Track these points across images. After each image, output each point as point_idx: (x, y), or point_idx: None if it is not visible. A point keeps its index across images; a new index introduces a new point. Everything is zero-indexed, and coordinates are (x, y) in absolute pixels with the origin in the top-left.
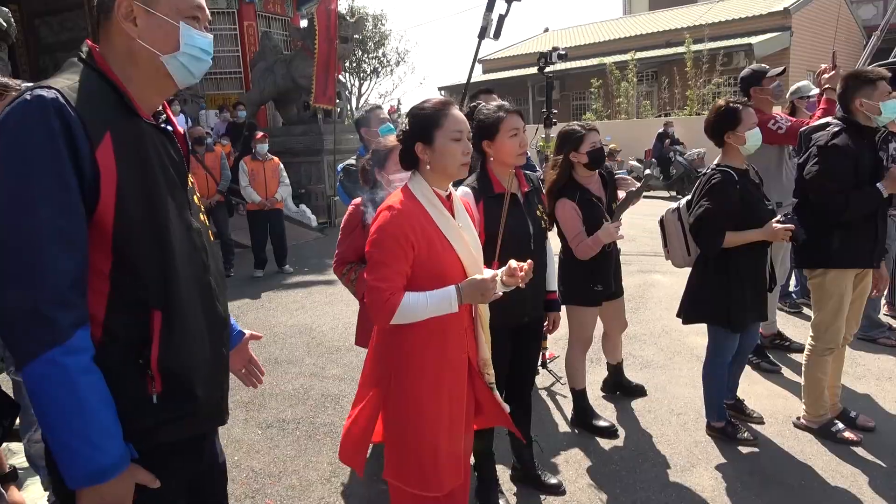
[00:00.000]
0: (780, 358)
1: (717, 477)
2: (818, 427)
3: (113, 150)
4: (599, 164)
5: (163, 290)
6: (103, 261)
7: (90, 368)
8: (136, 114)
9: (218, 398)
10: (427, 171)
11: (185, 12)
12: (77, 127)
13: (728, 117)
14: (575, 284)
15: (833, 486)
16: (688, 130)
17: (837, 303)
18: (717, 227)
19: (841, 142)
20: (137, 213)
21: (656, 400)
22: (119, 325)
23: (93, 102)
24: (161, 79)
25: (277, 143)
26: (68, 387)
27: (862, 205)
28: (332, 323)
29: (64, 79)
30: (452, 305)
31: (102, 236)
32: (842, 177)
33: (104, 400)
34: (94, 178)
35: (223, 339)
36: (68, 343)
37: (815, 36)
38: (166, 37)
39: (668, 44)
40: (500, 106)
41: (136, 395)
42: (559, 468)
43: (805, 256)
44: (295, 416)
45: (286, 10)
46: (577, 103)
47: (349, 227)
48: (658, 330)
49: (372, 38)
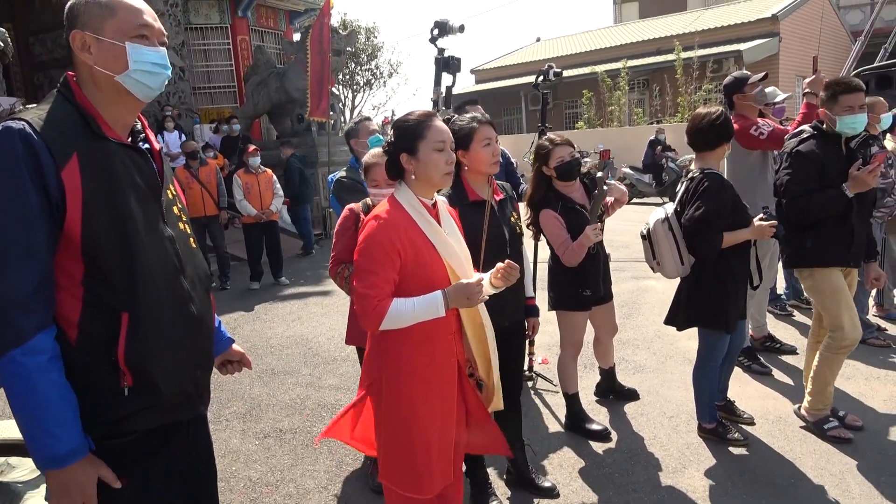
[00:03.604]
0: (770, 360)
1: (708, 478)
2: (814, 421)
3: (79, 170)
4: (569, 177)
5: (129, 293)
6: (76, 268)
7: (48, 368)
8: (103, 136)
9: (189, 390)
10: (412, 180)
11: (130, 32)
12: (42, 151)
13: (726, 128)
14: (564, 290)
15: (822, 485)
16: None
17: (835, 295)
18: (716, 228)
19: (805, 148)
20: (103, 225)
21: (649, 403)
22: (92, 326)
23: (60, 129)
24: (122, 97)
25: (273, 155)
26: (27, 383)
27: (824, 206)
28: (329, 334)
29: (38, 109)
30: (439, 310)
31: (73, 246)
32: (804, 181)
33: (62, 396)
34: (61, 196)
35: (197, 336)
36: (28, 345)
37: (803, 42)
38: (116, 59)
39: (659, 51)
40: (473, 117)
41: (109, 388)
42: (552, 471)
43: (787, 258)
44: (292, 426)
45: (279, 24)
46: (569, 112)
47: (343, 230)
48: (651, 335)
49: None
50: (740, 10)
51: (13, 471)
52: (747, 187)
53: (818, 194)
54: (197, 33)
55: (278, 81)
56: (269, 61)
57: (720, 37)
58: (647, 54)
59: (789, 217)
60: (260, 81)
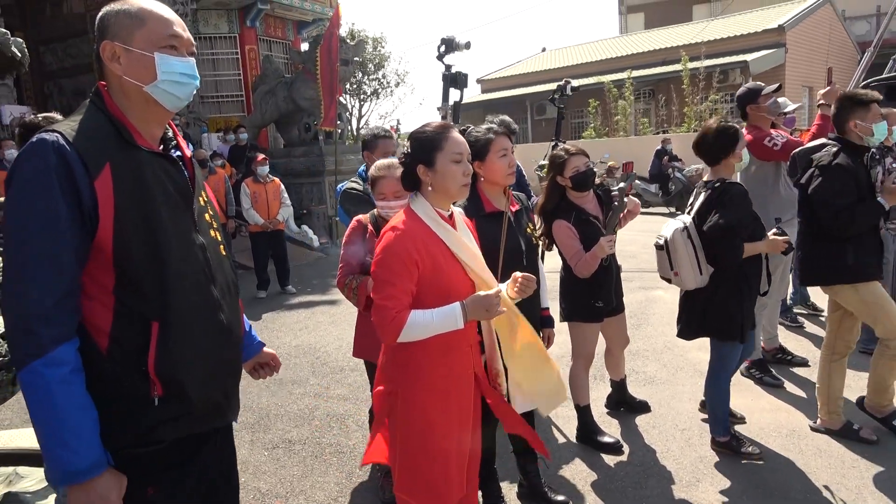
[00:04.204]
0: (782, 372)
1: (722, 492)
2: (882, 417)
3: (112, 180)
4: (584, 187)
5: (160, 302)
6: (107, 277)
7: (68, 380)
8: (135, 145)
9: (218, 399)
10: (429, 192)
11: (159, 43)
12: (75, 162)
13: (730, 138)
14: (576, 301)
15: (839, 500)
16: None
17: (882, 304)
18: (739, 237)
19: (843, 161)
20: (135, 235)
21: (660, 416)
22: (123, 335)
23: (92, 139)
24: (151, 107)
25: (280, 164)
26: (46, 395)
27: (867, 218)
28: (337, 343)
29: (70, 120)
30: (458, 322)
31: (104, 256)
32: (848, 194)
33: (82, 409)
34: (94, 206)
35: (227, 345)
36: (48, 356)
37: (809, 52)
38: (145, 69)
39: (665, 62)
40: (490, 128)
41: (139, 398)
42: (564, 484)
43: (817, 274)
44: (301, 437)
45: (287, 33)
46: (575, 121)
47: (351, 241)
48: (660, 346)
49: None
50: (746, 21)
51: (21, 481)
52: (760, 199)
53: (861, 206)
54: (206, 43)
55: (286, 91)
56: (278, 70)
57: (726, 47)
58: (653, 64)
59: (832, 230)
60: (268, 91)
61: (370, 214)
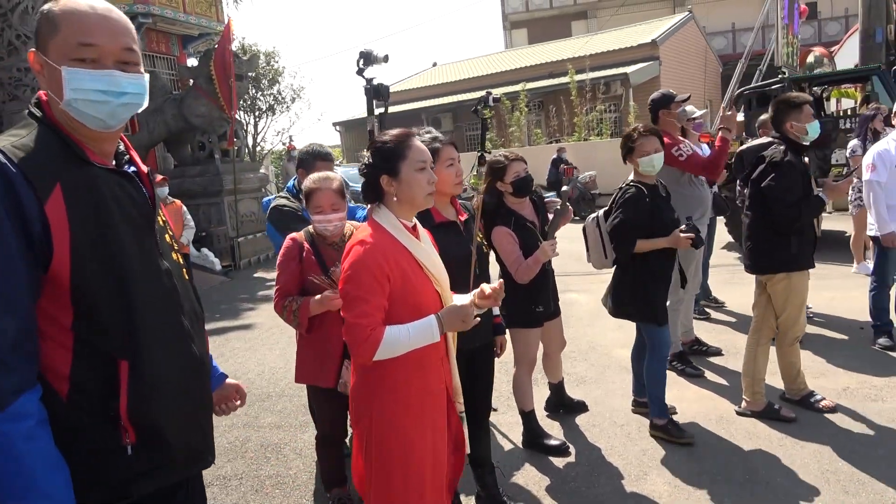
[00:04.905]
0: (699, 363)
1: (669, 481)
2: (799, 399)
3: (64, 202)
4: (525, 193)
5: (128, 339)
6: (64, 314)
7: (34, 435)
8: (87, 161)
9: (198, 440)
10: (394, 202)
11: (69, 54)
12: (20, 184)
13: (626, 147)
14: (517, 307)
15: (774, 477)
16: (579, 155)
17: (802, 298)
18: (630, 235)
19: (792, 158)
20: (95, 263)
21: (598, 414)
22: (86, 378)
23: (39, 156)
24: (79, 125)
25: (173, 185)
26: (9, 455)
27: (811, 212)
28: (258, 369)
29: (9, 136)
30: (434, 335)
31: (60, 290)
32: (797, 190)
33: (52, 468)
34: (45, 233)
35: (200, 380)
36: (8, 410)
37: (680, 64)
38: (56, 84)
39: (552, 74)
40: (435, 137)
41: (109, 447)
42: (518, 491)
43: (766, 264)
44: (236, 471)
45: (171, 48)
46: (470, 133)
47: (287, 261)
48: (585, 346)
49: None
50: (623, 36)
51: None
52: (677, 197)
53: (806, 200)
54: None
55: (175, 108)
56: (164, 87)
57: (607, 60)
58: (540, 77)
59: (782, 224)
60: (155, 108)
61: (304, 232)
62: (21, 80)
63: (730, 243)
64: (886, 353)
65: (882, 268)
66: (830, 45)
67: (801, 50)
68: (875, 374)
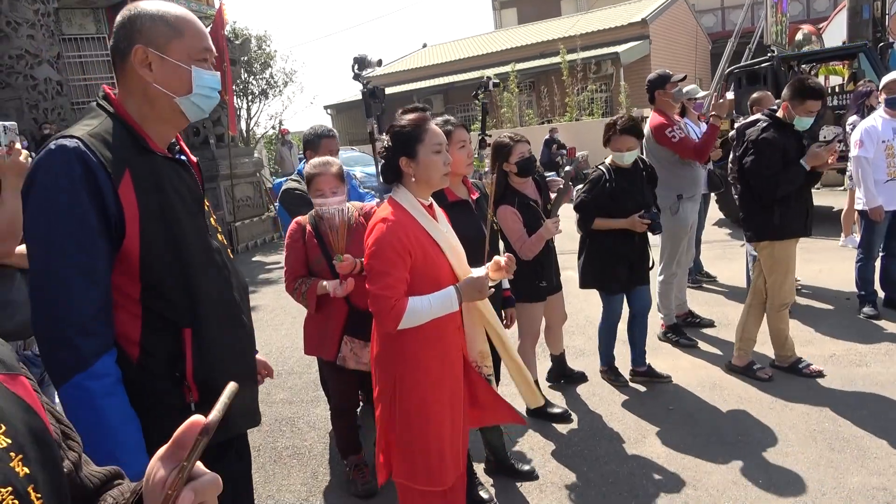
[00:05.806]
0: (693, 333)
1: (666, 443)
2: (788, 365)
3: (133, 186)
4: (529, 173)
5: (190, 309)
6: (133, 287)
7: (113, 391)
8: (150, 150)
9: (249, 402)
10: (412, 183)
11: (195, 56)
12: (98, 169)
13: (606, 132)
14: (522, 283)
15: (764, 437)
16: (571, 135)
17: (786, 265)
18: (588, 213)
19: (769, 135)
20: (160, 240)
21: (598, 384)
22: (154, 344)
23: (111, 145)
24: (176, 117)
25: None
26: (92, 409)
27: (789, 182)
28: (266, 349)
29: (83, 125)
30: (454, 305)
31: (130, 265)
32: (771, 163)
33: (127, 419)
34: (119, 214)
35: (250, 346)
36: (91, 369)
37: (670, 43)
38: (180, 80)
39: (543, 55)
40: (447, 120)
41: (175, 405)
42: (527, 455)
43: (753, 232)
44: (254, 444)
45: None
46: (461, 115)
47: (292, 243)
48: (582, 321)
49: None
50: (614, 15)
51: None
52: (671, 176)
53: (783, 173)
54: (72, 44)
55: None
56: None
57: (598, 40)
58: (531, 58)
59: (762, 195)
60: None
61: (309, 216)
62: (13, 68)
63: (721, 219)
64: (871, 321)
65: (868, 240)
66: (819, 21)
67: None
68: (860, 341)
